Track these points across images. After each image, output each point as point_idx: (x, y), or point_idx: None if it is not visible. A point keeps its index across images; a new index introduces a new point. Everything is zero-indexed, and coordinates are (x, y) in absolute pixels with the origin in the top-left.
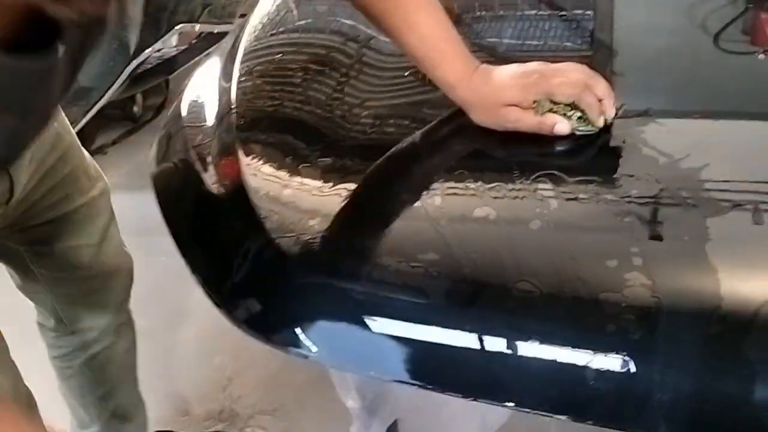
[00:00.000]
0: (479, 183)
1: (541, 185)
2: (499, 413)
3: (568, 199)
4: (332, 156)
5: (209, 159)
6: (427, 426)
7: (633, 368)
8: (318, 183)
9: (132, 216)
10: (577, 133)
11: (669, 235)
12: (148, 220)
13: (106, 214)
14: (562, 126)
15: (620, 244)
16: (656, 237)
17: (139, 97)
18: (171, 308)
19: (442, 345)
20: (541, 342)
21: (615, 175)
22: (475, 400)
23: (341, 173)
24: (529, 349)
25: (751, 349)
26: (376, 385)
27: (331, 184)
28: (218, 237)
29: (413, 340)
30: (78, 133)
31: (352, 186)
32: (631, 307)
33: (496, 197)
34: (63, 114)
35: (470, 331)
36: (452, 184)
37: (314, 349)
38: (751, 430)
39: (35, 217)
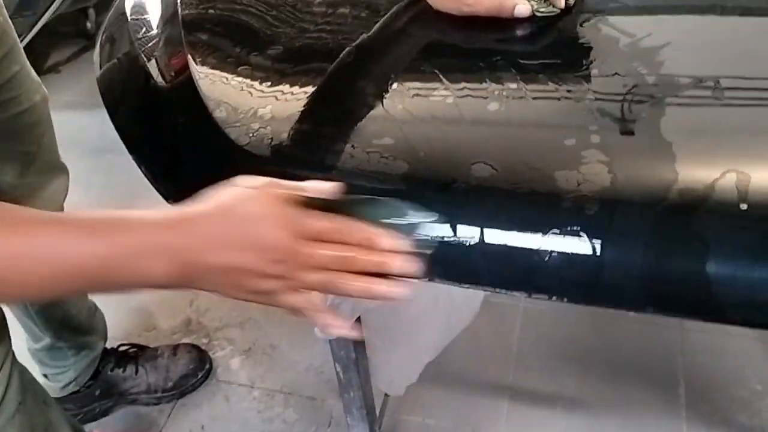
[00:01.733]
0: (437, 68)
1: (500, 69)
2: (463, 314)
3: (527, 81)
4: (283, 46)
5: (155, 53)
6: (390, 324)
7: (587, 244)
8: (269, 73)
9: (90, 134)
10: (538, 14)
11: (628, 114)
12: (107, 138)
13: (45, 122)
14: (522, 7)
15: (578, 124)
16: (614, 117)
17: (91, 12)
18: None
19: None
20: (498, 221)
21: (575, 58)
22: (430, 281)
23: (292, 63)
24: (486, 228)
25: (701, 226)
26: None
27: (282, 74)
28: (166, 130)
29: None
30: (29, 51)
31: (305, 75)
32: (587, 182)
33: (453, 81)
34: (4, 9)
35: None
36: (410, 70)
37: None
38: (699, 303)
39: None
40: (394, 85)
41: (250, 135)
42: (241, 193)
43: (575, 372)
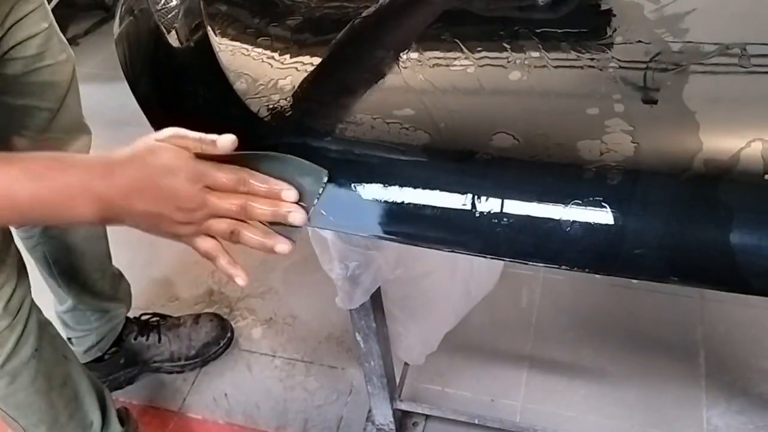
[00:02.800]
0: (457, 37)
1: (521, 38)
2: (483, 284)
3: (549, 50)
4: (302, 16)
5: (175, 25)
6: (409, 294)
7: (610, 214)
8: (289, 44)
9: (110, 107)
10: None
11: (651, 83)
12: (125, 111)
13: (68, 81)
14: None
15: (601, 93)
16: (637, 85)
17: None
18: None
19: (420, 199)
20: (519, 192)
21: (597, 25)
22: (452, 251)
23: (312, 34)
24: (507, 200)
25: (726, 195)
26: (357, 255)
27: (302, 44)
28: (186, 102)
29: (389, 196)
30: None
31: (325, 46)
32: (610, 152)
33: (474, 50)
34: None
35: (449, 185)
36: (429, 39)
37: None
38: (722, 273)
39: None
40: (414, 55)
41: (270, 107)
42: (157, 145)
43: (594, 342)
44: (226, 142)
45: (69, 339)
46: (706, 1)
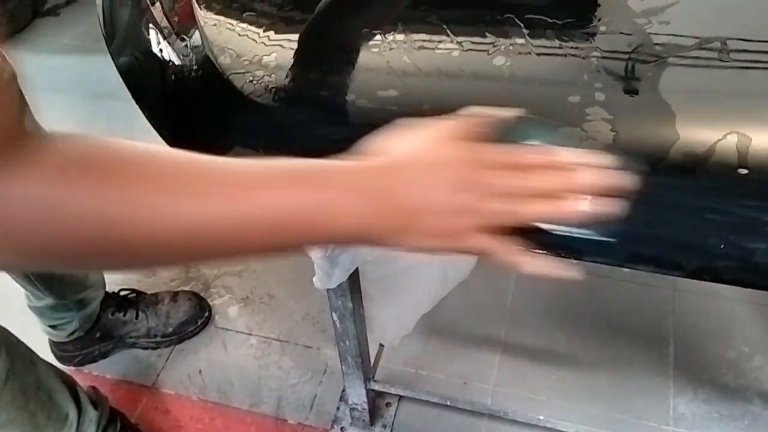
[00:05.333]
0: (442, 20)
1: (506, 24)
2: (461, 268)
3: (533, 37)
4: None
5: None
6: (387, 275)
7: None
8: (274, 20)
9: (90, 79)
10: None
11: (632, 73)
12: (106, 83)
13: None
14: None
15: (583, 81)
16: (618, 75)
17: None
18: None
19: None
20: None
21: (582, 14)
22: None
23: (298, 10)
24: None
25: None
26: None
27: (288, 21)
28: (169, 76)
29: None
30: None
31: (308, 24)
32: (590, 140)
33: (459, 33)
34: None
35: None
36: (415, 21)
37: None
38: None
39: None
40: (400, 36)
41: (254, 83)
42: (422, 140)
43: (567, 329)
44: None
45: (51, 326)
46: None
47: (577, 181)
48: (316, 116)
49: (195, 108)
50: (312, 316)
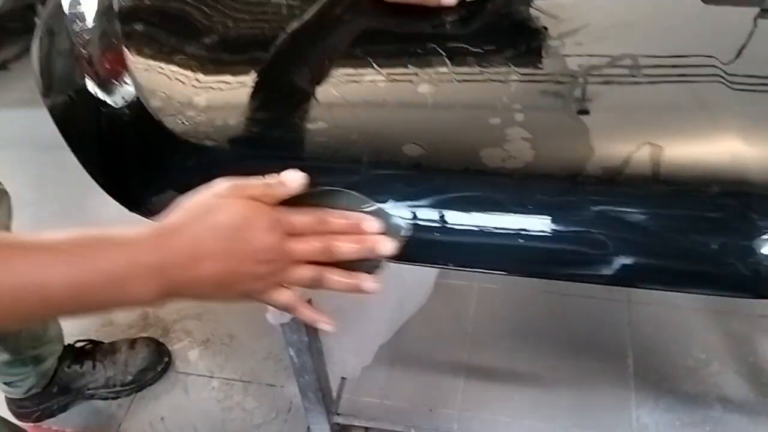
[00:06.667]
0: (368, 53)
1: (430, 54)
2: (416, 295)
3: (457, 65)
4: (219, 35)
5: (91, 44)
6: (341, 307)
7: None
8: (205, 63)
9: (43, 131)
10: None
11: (549, 94)
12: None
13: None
14: None
15: (503, 104)
16: (537, 96)
17: (40, 8)
18: (86, 221)
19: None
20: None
21: (501, 40)
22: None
23: (228, 53)
24: (417, 209)
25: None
26: None
27: (218, 63)
28: (103, 123)
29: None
30: None
31: (241, 64)
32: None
33: (385, 65)
34: None
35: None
36: (342, 56)
37: None
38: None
39: None
40: (328, 71)
41: (186, 123)
42: (218, 201)
43: (528, 348)
44: (297, 179)
45: (6, 383)
46: (598, 17)
47: (375, 247)
48: (247, 152)
49: (129, 152)
50: (274, 354)
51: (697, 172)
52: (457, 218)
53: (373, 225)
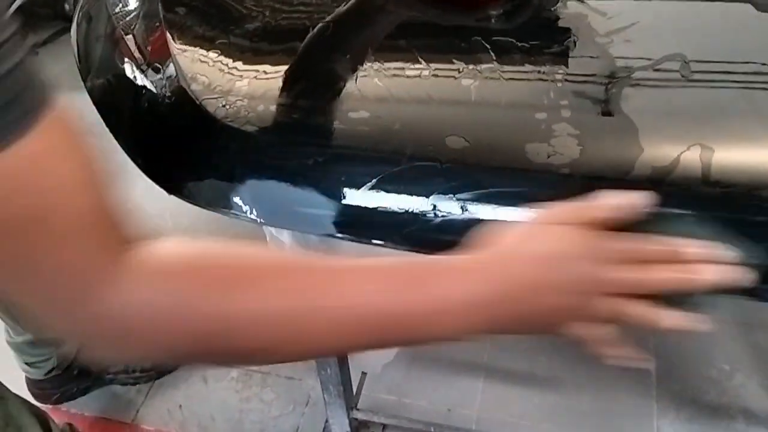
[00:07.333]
0: (413, 45)
1: (474, 47)
2: None
3: (502, 61)
4: (261, 23)
5: (133, 29)
6: None
7: None
8: (246, 50)
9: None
10: None
11: (596, 92)
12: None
13: None
14: None
15: (550, 99)
16: (583, 94)
17: None
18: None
19: (375, 200)
20: (472, 193)
21: (547, 39)
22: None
23: (269, 41)
24: (459, 202)
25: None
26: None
27: (259, 51)
28: (145, 108)
29: (344, 197)
30: None
31: (282, 53)
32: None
33: (429, 57)
34: None
35: (402, 186)
36: (386, 47)
37: (246, 209)
38: None
39: None
40: (371, 61)
41: (227, 107)
42: (546, 231)
43: (548, 352)
44: (639, 200)
45: (28, 363)
46: (647, 17)
47: (698, 277)
48: (288, 139)
49: (169, 134)
50: None
51: (748, 175)
52: (497, 214)
53: (703, 250)
